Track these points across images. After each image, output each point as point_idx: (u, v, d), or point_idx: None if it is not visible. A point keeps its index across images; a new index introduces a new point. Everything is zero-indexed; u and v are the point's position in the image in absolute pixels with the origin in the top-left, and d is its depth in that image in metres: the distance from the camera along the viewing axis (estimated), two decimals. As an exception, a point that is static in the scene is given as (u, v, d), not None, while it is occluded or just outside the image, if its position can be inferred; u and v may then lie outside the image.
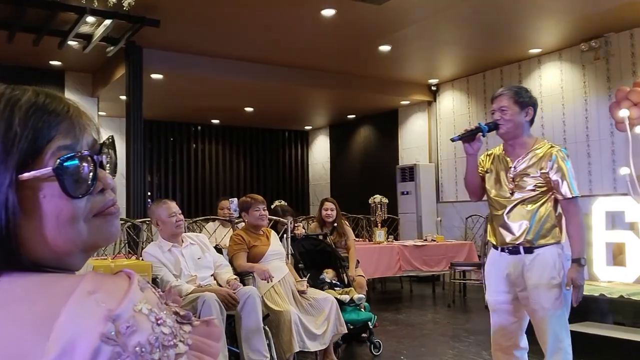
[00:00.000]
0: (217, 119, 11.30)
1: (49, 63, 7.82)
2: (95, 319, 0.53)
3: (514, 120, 2.79)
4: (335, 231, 5.51)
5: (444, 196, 9.34)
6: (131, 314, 0.55)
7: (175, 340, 0.57)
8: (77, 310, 0.54)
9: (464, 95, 9.09)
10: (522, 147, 2.83)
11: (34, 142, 0.61)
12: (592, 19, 6.45)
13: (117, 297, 0.56)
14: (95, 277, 0.58)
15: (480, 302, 6.79)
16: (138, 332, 0.54)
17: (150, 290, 0.60)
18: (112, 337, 0.53)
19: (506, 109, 2.80)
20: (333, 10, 6.01)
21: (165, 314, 0.58)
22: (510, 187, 2.81)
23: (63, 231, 0.63)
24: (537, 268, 2.71)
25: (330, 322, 3.86)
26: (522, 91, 2.86)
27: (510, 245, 2.78)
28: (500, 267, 2.83)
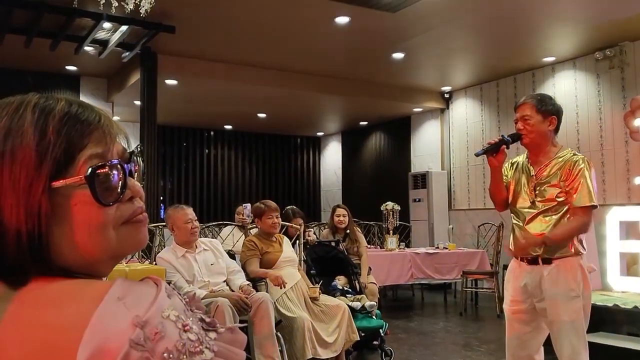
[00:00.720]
0: (230, 125, 11.36)
1: (65, 68, 7.91)
2: (124, 324, 0.55)
3: (536, 129, 2.76)
4: (348, 238, 5.52)
5: (456, 204, 9.31)
6: (159, 320, 0.56)
7: (202, 347, 0.57)
8: (106, 316, 0.55)
9: (477, 103, 9.07)
10: (546, 156, 2.80)
11: (67, 150, 0.63)
12: (607, 27, 6.42)
13: (146, 303, 0.57)
14: (124, 283, 0.59)
15: (492, 311, 6.76)
16: (166, 338, 0.55)
17: (177, 296, 0.61)
18: (141, 343, 0.54)
19: (529, 118, 2.77)
20: (347, 17, 6.03)
21: (192, 320, 0.59)
22: (531, 197, 2.80)
23: (93, 238, 0.64)
24: (555, 279, 2.69)
25: (342, 329, 3.86)
26: (545, 99, 2.82)
27: (529, 256, 2.77)
28: (518, 277, 2.82)
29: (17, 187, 0.61)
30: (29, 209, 0.61)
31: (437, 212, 9.15)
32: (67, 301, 0.59)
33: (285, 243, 4.21)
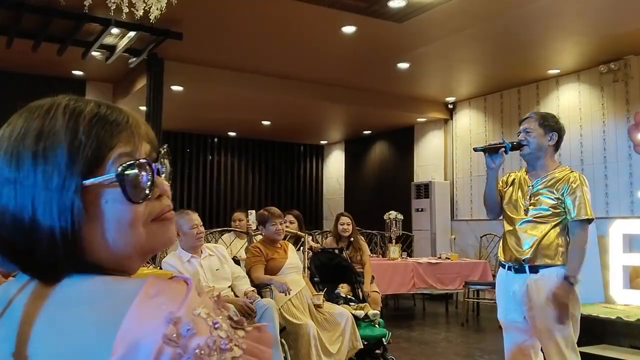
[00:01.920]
0: (234, 132, 11.39)
1: (71, 73, 7.95)
2: (158, 321, 0.56)
3: (537, 142, 2.88)
4: (351, 246, 5.53)
5: (458, 214, 9.32)
6: (191, 317, 0.57)
7: (231, 344, 0.58)
8: (140, 312, 0.57)
9: (480, 114, 9.10)
10: (543, 170, 2.91)
11: (97, 150, 0.65)
12: (612, 41, 6.46)
13: (178, 300, 0.58)
14: (156, 281, 0.61)
15: (494, 322, 6.75)
16: (197, 335, 0.56)
17: (207, 295, 0.63)
18: (174, 339, 0.55)
19: (531, 130, 2.89)
20: (354, 27, 6.07)
21: (221, 318, 0.60)
22: (525, 205, 2.88)
23: (124, 235, 0.66)
24: (542, 288, 2.75)
25: (346, 338, 3.86)
26: (548, 116, 2.95)
27: (517, 264, 2.83)
28: (507, 286, 2.89)
29: (50, 186, 0.63)
30: (62, 207, 0.63)
31: (440, 222, 9.15)
32: (101, 298, 0.61)
33: (290, 250, 4.22)
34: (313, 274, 4.64)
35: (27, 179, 0.64)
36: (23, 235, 0.63)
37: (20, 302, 0.62)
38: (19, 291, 0.64)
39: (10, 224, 0.64)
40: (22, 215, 0.63)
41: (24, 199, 0.63)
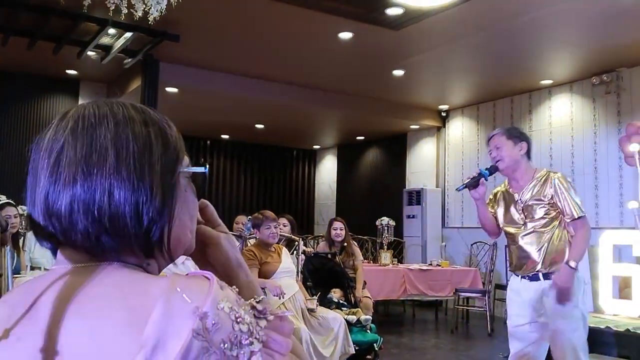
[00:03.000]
0: (227, 135, 11.38)
1: (66, 72, 7.92)
2: (186, 315, 0.58)
3: (509, 154, 2.97)
4: (344, 251, 5.54)
5: (449, 221, 9.36)
6: (215, 312, 0.59)
7: (252, 338, 0.60)
8: (168, 307, 0.58)
9: (473, 122, 9.16)
10: (524, 179, 3.00)
11: (181, 149, 0.75)
12: (605, 53, 6.53)
13: (202, 295, 0.60)
14: (180, 277, 0.63)
15: (484, 330, 6.79)
16: (222, 329, 0.58)
17: (228, 288, 0.64)
18: (201, 333, 0.57)
19: (501, 145, 2.99)
20: (350, 33, 6.10)
21: (244, 310, 0.62)
22: (521, 218, 2.96)
23: (194, 231, 0.77)
24: (555, 294, 2.80)
25: (338, 342, 3.88)
26: (512, 129, 3.08)
27: (530, 272, 2.91)
28: (520, 293, 2.95)
29: (164, 170, 0.70)
30: (169, 187, 0.70)
31: (431, 229, 9.19)
32: (132, 292, 0.62)
33: (284, 254, 4.23)
34: (306, 279, 4.64)
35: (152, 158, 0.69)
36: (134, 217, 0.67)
37: (49, 298, 0.63)
38: (49, 287, 0.65)
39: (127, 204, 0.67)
40: (139, 194, 0.67)
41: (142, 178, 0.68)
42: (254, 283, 0.83)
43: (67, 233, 0.67)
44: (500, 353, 5.48)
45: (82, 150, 0.67)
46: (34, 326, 0.62)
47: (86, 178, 0.66)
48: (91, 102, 0.73)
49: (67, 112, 0.72)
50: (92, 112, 0.70)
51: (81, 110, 0.71)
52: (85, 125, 0.69)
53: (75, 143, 0.68)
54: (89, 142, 0.67)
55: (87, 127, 0.69)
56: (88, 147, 0.67)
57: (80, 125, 0.69)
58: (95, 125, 0.69)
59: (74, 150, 0.67)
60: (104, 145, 0.67)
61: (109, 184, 0.66)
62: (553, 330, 2.82)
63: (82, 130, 0.68)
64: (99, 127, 0.68)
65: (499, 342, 6.13)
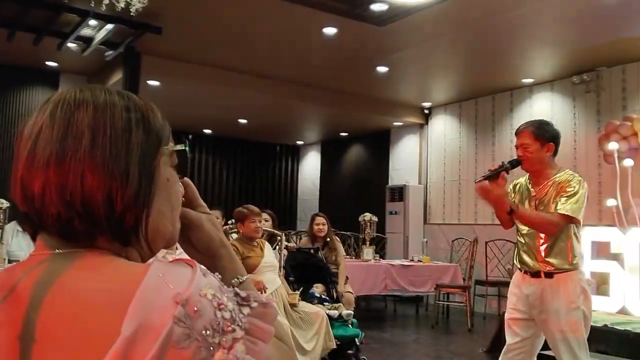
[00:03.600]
0: (210, 129, 11.31)
1: (45, 64, 7.81)
2: (167, 301, 0.57)
3: (535, 156, 2.92)
4: (327, 246, 5.55)
5: (431, 218, 9.42)
6: (197, 298, 0.58)
7: (234, 326, 0.60)
8: (149, 293, 0.58)
9: (455, 120, 9.21)
10: (545, 178, 2.97)
11: (166, 134, 0.75)
12: (585, 53, 6.61)
13: (185, 281, 0.60)
14: (161, 264, 0.62)
15: (464, 325, 6.85)
16: (203, 316, 0.58)
17: (211, 275, 0.64)
18: (183, 320, 0.56)
19: (527, 146, 2.92)
20: (335, 29, 6.09)
21: (227, 297, 0.62)
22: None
23: (175, 222, 0.75)
24: (557, 292, 2.83)
25: (320, 337, 3.88)
26: (543, 126, 2.96)
27: (532, 269, 2.92)
28: (521, 288, 2.97)
29: (143, 156, 0.69)
30: (147, 175, 0.69)
31: (413, 225, 9.24)
32: (114, 278, 0.62)
33: (266, 248, 4.22)
34: (288, 274, 4.64)
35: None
36: (109, 200, 0.66)
37: (28, 284, 0.62)
38: (26, 274, 0.64)
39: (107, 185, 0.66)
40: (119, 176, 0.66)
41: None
42: (238, 263, 0.83)
43: (41, 217, 0.66)
44: (480, 348, 5.54)
45: (58, 132, 0.66)
46: (12, 313, 0.61)
47: (60, 161, 0.65)
48: (76, 87, 0.72)
49: (50, 97, 0.71)
50: (72, 96, 0.69)
51: (63, 94, 0.70)
52: (64, 109, 0.68)
53: (52, 126, 0.67)
54: (66, 124, 0.67)
55: (65, 110, 0.68)
56: (64, 129, 0.66)
57: (59, 108, 0.68)
58: (74, 109, 0.68)
59: (50, 133, 0.66)
60: (81, 129, 0.66)
61: (83, 168, 0.65)
62: (552, 329, 2.83)
63: (61, 113, 0.67)
64: (77, 111, 0.67)
65: (479, 337, 6.19)
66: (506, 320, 3.04)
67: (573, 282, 2.83)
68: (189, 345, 0.56)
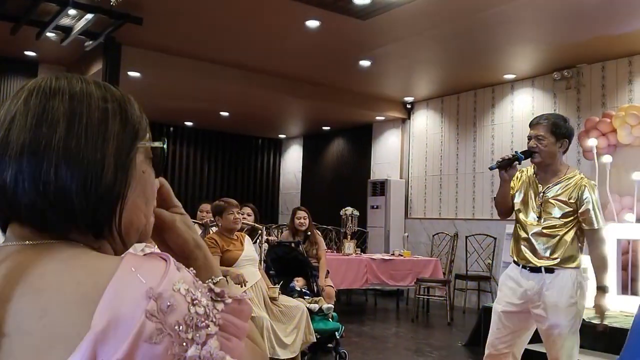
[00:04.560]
0: (191, 122, 11.23)
1: (24, 53, 7.68)
2: (139, 295, 0.56)
3: (549, 150, 2.89)
4: (308, 240, 5.54)
5: (412, 212, 9.46)
6: (171, 293, 0.57)
7: (207, 321, 0.59)
8: (121, 287, 0.57)
9: (437, 115, 9.25)
10: (554, 175, 2.94)
11: (144, 128, 0.73)
12: (566, 49, 6.67)
13: (158, 276, 0.59)
14: (134, 257, 0.61)
15: (443, 319, 6.90)
16: (176, 311, 0.57)
17: (185, 270, 0.63)
18: (155, 314, 0.55)
19: (542, 138, 2.89)
20: (318, 21, 6.07)
21: (201, 292, 0.61)
22: (537, 212, 2.92)
23: (149, 216, 0.74)
24: (557, 288, 2.83)
25: (300, 331, 3.88)
26: (560, 122, 2.93)
27: (532, 264, 2.91)
28: (518, 281, 2.94)
29: (119, 147, 0.68)
30: (122, 166, 0.67)
31: (394, 219, 9.27)
32: (85, 271, 0.60)
33: (246, 242, 4.19)
34: (269, 267, 4.63)
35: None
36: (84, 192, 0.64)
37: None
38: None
39: (79, 178, 0.64)
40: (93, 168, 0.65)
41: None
42: (213, 264, 0.82)
43: (13, 207, 0.64)
44: (459, 342, 5.58)
45: (33, 120, 0.64)
46: None
47: (34, 150, 0.63)
48: (52, 75, 0.70)
49: (25, 84, 0.69)
50: (48, 83, 0.67)
51: (38, 81, 0.68)
52: (39, 96, 0.66)
53: (26, 113, 0.65)
54: (40, 112, 0.65)
55: (40, 97, 0.66)
56: (39, 117, 0.64)
57: (33, 96, 0.66)
58: (49, 97, 0.66)
59: (24, 120, 0.64)
60: (56, 117, 0.64)
61: (57, 157, 0.63)
62: (549, 324, 2.83)
63: (35, 100, 0.65)
64: (52, 99, 0.65)
65: (458, 331, 6.24)
66: (497, 313, 3.00)
67: (572, 278, 2.83)
68: (161, 340, 0.55)
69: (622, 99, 6.81)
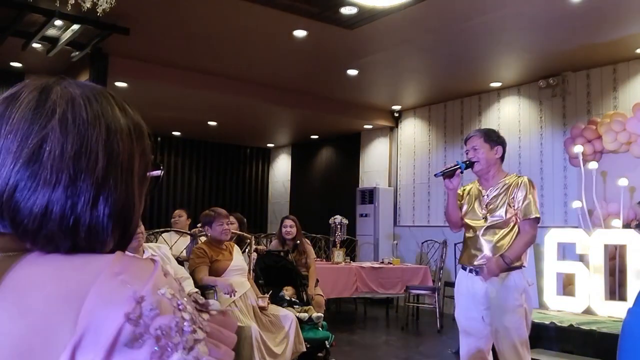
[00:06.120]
0: (179, 132, 11.20)
1: (9, 64, 7.63)
2: (121, 299, 0.55)
3: (485, 157, 3.08)
4: (297, 249, 5.52)
5: (401, 220, 9.47)
6: (155, 297, 0.57)
7: (195, 327, 0.58)
8: (104, 290, 0.56)
9: (425, 123, 9.30)
10: (494, 180, 3.11)
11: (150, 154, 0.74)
12: (551, 57, 6.73)
13: (143, 279, 0.58)
14: (123, 258, 0.60)
15: (433, 326, 6.90)
16: (161, 315, 0.56)
17: (172, 277, 0.62)
18: (136, 318, 0.55)
19: (478, 147, 3.09)
20: (305, 31, 6.09)
21: (186, 300, 0.60)
22: (483, 213, 3.07)
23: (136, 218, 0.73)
24: (501, 290, 2.92)
25: (290, 340, 3.86)
26: (490, 132, 3.18)
27: (478, 266, 3.00)
28: (467, 286, 3.06)
29: (141, 178, 0.70)
30: (140, 200, 0.70)
31: (383, 227, 9.28)
32: (68, 275, 0.59)
33: (235, 251, 4.18)
34: (258, 277, 4.61)
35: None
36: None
37: None
38: None
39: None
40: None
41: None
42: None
43: (22, 229, 0.62)
44: (450, 349, 5.58)
45: (72, 151, 0.62)
46: None
47: (71, 183, 0.62)
48: (71, 84, 0.68)
49: (46, 87, 0.66)
50: (82, 104, 0.65)
51: (67, 96, 0.66)
52: (77, 122, 0.64)
53: (63, 139, 0.62)
54: (79, 143, 0.63)
55: (78, 123, 0.64)
56: (78, 148, 0.63)
57: (70, 118, 0.64)
58: (88, 125, 0.64)
59: (61, 147, 0.62)
60: (95, 151, 0.64)
61: (96, 192, 0.63)
62: (497, 326, 2.91)
63: (73, 125, 0.63)
64: (91, 128, 0.64)
65: (448, 339, 6.24)
66: (462, 324, 3.09)
67: (515, 280, 2.93)
68: (142, 344, 0.54)
69: (607, 106, 6.89)
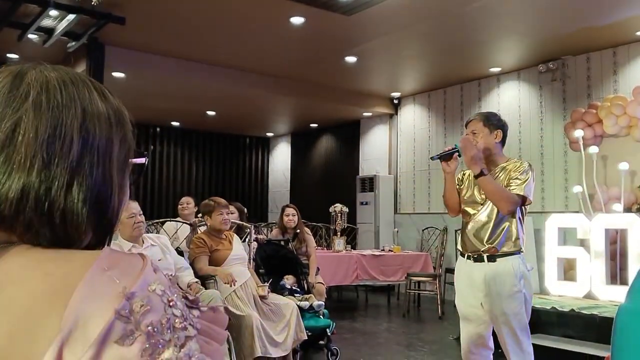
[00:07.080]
0: (178, 122, 11.16)
1: (6, 56, 7.59)
2: (110, 295, 0.54)
3: (484, 141, 3.03)
4: (297, 238, 5.52)
5: (401, 207, 9.46)
6: (146, 293, 0.55)
7: (186, 323, 0.57)
8: (92, 286, 0.54)
9: (424, 109, 9.25)
10: (494, 164, 3.07)
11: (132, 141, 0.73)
12: (551, 42, 6.68)
13: (133, 275, 0.56)
14: (112, 253, 0.59)
15: (434, 313, 6.91)
16: (151, 311, 0.55)
17: (162, 273, 0.61)
18: (126, 315, 0.53)
19: (477, 131, 3.05)
20: (302, 18, 6.04)
21: (177, 296, 0.59)
22: (481, 197, 3.04)
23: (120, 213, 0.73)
24: (499, 276, 2.90)
25: (291, 328, 3.86)
26: (491, 115, 3.13)
27: (476, 253, 2.98)
28: (466, 273, 3.04)
29: (121, 164, 0.69)
30: (121, 188, 0.69)
31: (383, 215, 9.27)
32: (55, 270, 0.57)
33: (235, 241, 4.17)
34: (258, 266, 4.60)
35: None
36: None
37: None
38: None
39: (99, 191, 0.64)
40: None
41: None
42: None
43: (0, 216, 0.61)
44: (451, 335, 5.59)
45: (45, 134, 0.61)
46: None
47: (45, 167, 0.60)
48: (47, 68, 0.67)
49: (21, 71, 0.66)
50: (57, 87, 0.64)
51: (42, 79, 0.65)
52: (51, 104, 0.62)
53: (37, 122, 0.61)
54: (54, 125, 0.62)
55: (52, 106, 0.62)
56: (52, 131, 0.61)
57: (44, 101, 0.62)
58: (62, 107, 0.63)
59: (34, 130, 0.61)
60: (69, 134, 0.62)
61: (70, 177, 0.61)
62: (496, 312, 2.90)
63: (47, 108, 0.62)
64: (65, 110, 0.63)
65: (449, 325, 6.25)
66: (461, 310, 3.07)
67: (514, 265, 2.91)
68: (133, 341, 0.53)
69: (607, 90, 6.84)
